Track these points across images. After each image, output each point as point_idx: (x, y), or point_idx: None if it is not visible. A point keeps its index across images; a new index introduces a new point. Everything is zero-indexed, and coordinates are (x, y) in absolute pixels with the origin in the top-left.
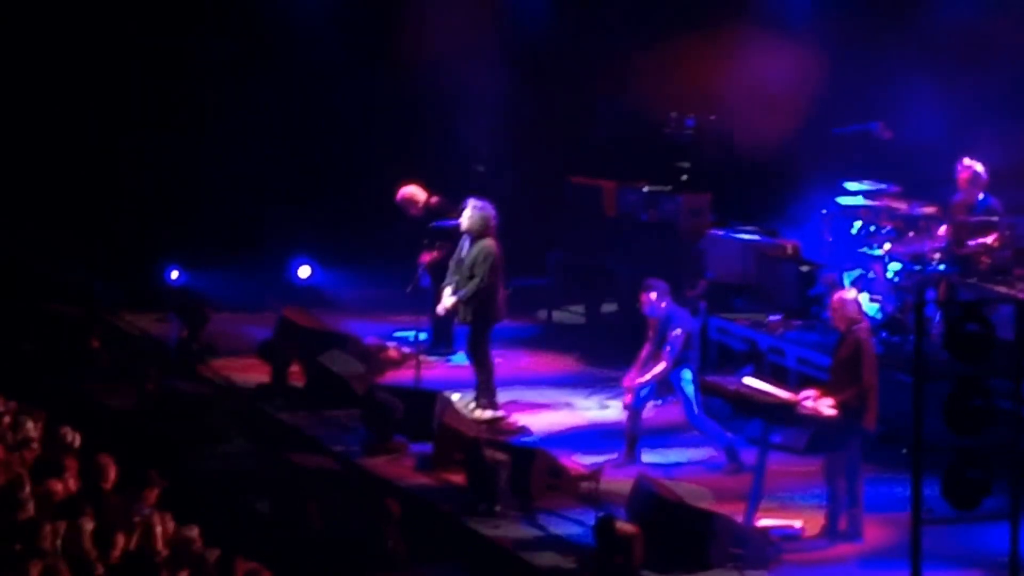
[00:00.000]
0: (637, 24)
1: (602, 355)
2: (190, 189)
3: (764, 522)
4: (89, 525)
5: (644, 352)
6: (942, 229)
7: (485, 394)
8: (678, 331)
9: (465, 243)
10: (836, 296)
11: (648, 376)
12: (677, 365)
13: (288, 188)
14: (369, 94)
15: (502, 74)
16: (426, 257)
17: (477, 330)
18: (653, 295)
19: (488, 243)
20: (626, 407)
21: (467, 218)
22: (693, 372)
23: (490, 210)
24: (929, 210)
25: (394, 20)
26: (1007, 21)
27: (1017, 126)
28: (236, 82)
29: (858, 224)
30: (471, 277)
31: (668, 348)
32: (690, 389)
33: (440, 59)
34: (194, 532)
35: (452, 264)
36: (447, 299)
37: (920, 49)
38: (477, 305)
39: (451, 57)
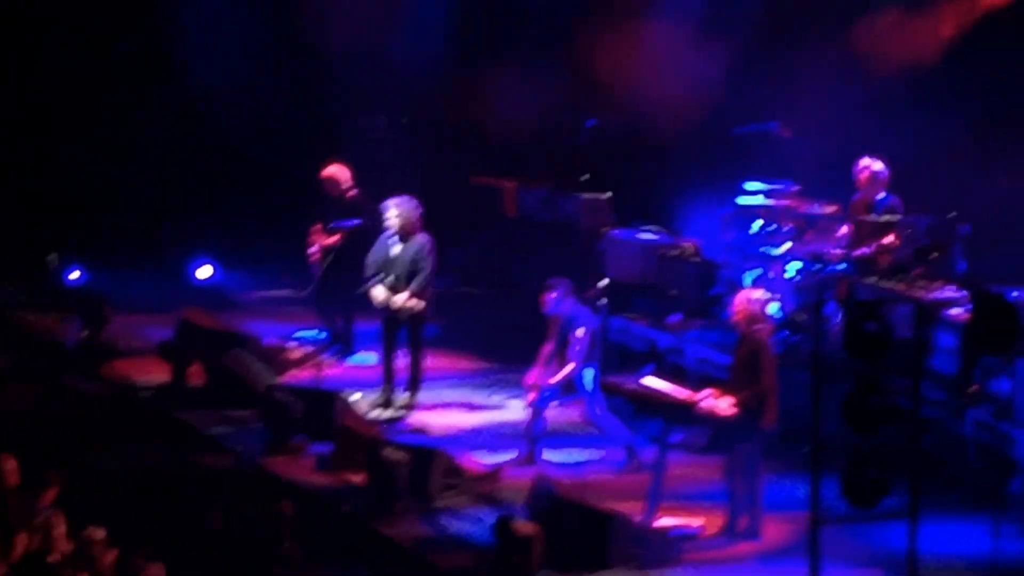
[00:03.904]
0: (539, 24)
1: (502, 355)
2: (91, 188)
3: (663, 521)
4: None
5: (546, 350)
6: (842, 229)
7: (415, 389)
8: (582, 330)
9: (387, 242)
10: (741, 295)
11: (558, 377)
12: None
13: (189, 189)
14: (271, 92)
15: (404, 73)
16: (319, 236)
17: (422, 324)
18: (555, 294)
19: (425, 237)
20: (529, 405)
21: (397, 217)
22: (596, 371)
23: (416, 206)
24: (829, 209)
25: (297, 16)
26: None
27: (916, 124)
28: (138, 81)
29: (758, 224)
30: (414, 272)
31: (575, 348)
32: (592, 387)
33: (343, 58)
34: (100, 534)
35: (373, 263)
36: (399, 299)
37: (819, 48)
38: (425, 299)
39: (354, 56)
